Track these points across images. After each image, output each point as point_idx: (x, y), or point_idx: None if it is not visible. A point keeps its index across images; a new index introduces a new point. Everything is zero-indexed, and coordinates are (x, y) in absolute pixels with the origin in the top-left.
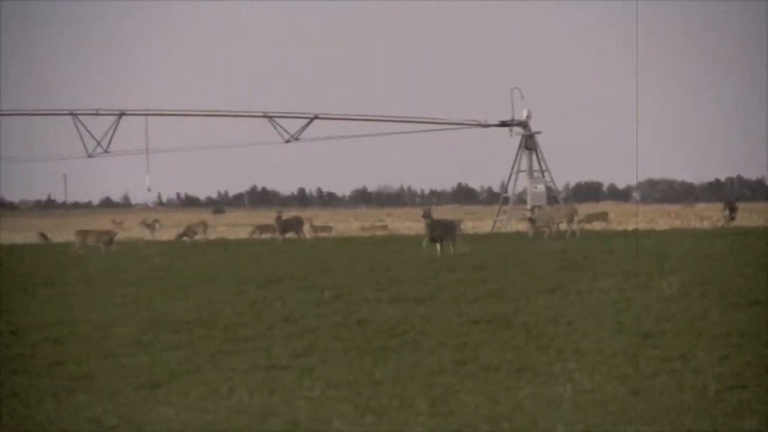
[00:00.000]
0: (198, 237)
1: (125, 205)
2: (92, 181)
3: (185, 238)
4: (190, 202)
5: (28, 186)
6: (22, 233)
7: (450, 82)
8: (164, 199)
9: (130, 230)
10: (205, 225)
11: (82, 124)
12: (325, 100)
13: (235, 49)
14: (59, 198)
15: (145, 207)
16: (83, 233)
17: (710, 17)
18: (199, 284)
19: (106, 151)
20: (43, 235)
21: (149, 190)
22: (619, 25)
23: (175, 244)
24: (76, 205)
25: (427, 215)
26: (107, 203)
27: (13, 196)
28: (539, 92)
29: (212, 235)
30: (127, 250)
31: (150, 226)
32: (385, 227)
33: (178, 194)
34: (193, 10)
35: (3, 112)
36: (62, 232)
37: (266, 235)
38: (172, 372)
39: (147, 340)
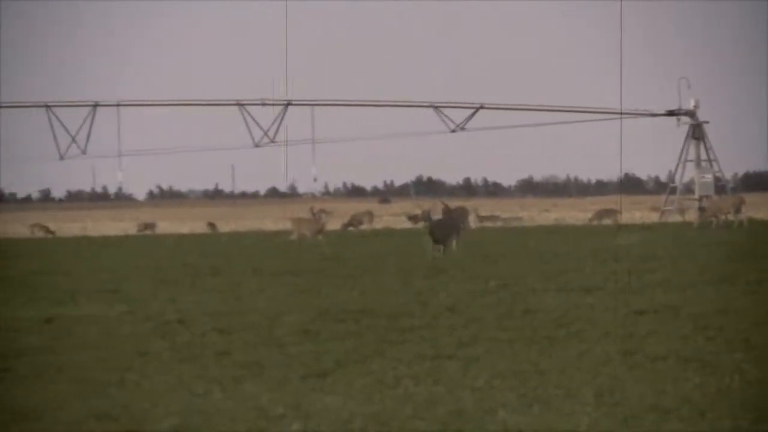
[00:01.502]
0: (364, 226)
1: (292, 194)
2: (259, 170)
3: (351, 228)
4: (356, 192)
5: (197, 175)
6: (190, 223)
7: (616, 71)
8: (330, 188)
9: None
10: (371, 215)
11: (249, 114)
12: (490, 90)
13: (401, 40)
14: (227, 188)
15: (312, 197)
16: (299, 221)
17: None
18: (365, 274)
19: (272, 141)
20: (211, 225)
21: (315, 179)
22: None
23: (341, 234)
24: (243, 195)
25: (425, 217)
26: (274, 193)
27: (181, 186)
28: (707, 81)
29: (378, 225)
30: (292, 240)
31: (316, 216)
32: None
33: (344, 184)
34: (357, 3)
35: (172, 102)
36: (229, 221)
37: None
38: (338, 361)
39: (314, 329)
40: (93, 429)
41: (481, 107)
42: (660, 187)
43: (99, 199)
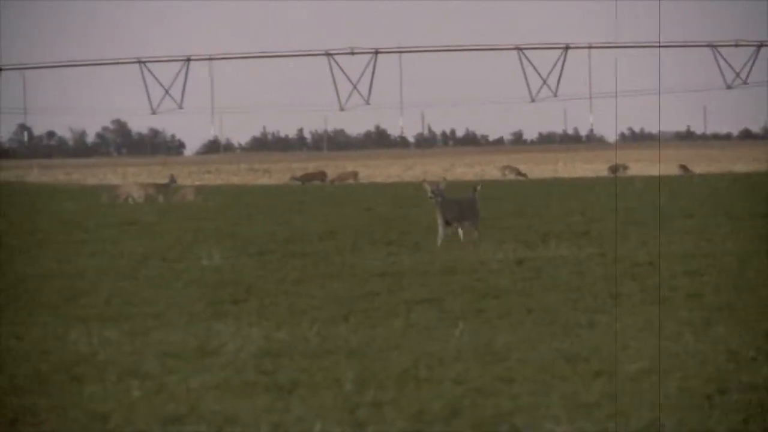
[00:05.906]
0: None
1: (765, 136)
2: (732, 112)
3: None
4: None
5: (668, 117)
6: (661, 165)
7: None
8: None
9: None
10: None
11: (721, 55)
12: None
13: None
14: (698, 129)
15: None
16: None
17: None
18: None
19: (745, 83)
20: (683, 167)
21: None
22: None
23: None
24: (715, 137)
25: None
26: (746, 134)
27: (652, 128)
28: None
29: None
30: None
31: None
32: None
33: None
34: None
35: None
36: (701, 163)
37: None
38: None
39: None
40: (562, 370)
41: None
42: None
43: (570, 141)
